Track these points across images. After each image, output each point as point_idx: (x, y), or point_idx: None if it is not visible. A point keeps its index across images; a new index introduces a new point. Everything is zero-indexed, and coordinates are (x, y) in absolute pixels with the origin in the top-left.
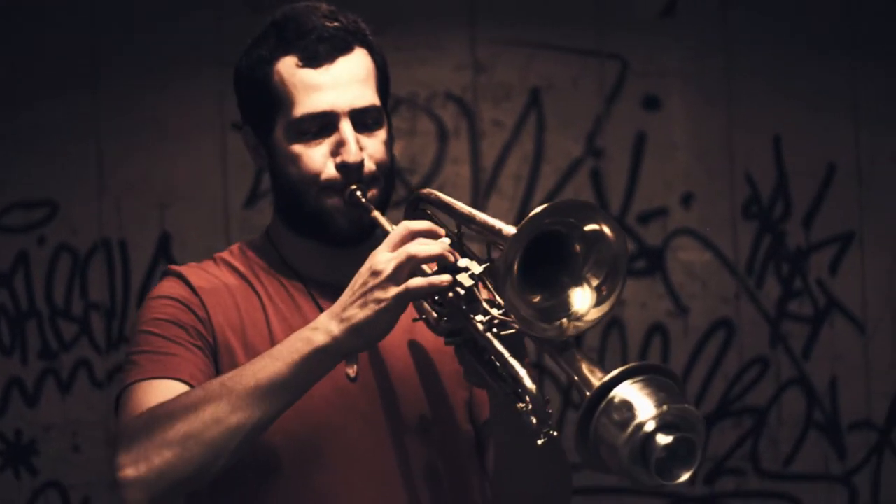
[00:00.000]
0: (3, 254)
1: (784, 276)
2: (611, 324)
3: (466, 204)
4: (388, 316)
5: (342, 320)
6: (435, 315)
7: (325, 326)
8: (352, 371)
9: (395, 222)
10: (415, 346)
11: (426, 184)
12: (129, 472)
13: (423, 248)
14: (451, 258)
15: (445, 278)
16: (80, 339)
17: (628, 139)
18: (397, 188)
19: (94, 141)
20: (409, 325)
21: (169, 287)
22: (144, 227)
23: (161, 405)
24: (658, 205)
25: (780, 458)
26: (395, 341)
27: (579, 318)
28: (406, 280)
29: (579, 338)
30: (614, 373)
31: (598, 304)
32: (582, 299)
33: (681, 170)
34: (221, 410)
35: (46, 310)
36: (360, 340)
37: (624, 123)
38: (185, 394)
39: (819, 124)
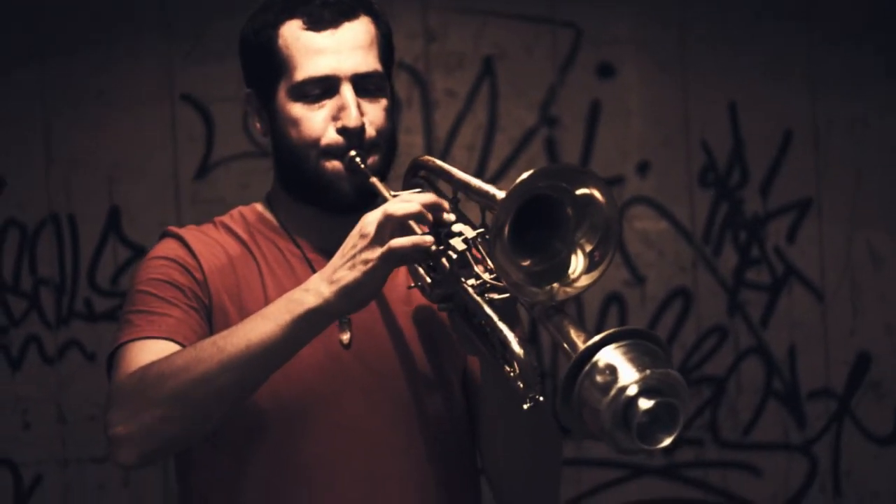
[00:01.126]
0: None
1: (741, 245)
2: None
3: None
4: (375, 276)
5: (332, 282)
6: (429, 281)
7: (315, 288)
8: (345, 338)
9: (397, 191)
10: (412, 316)
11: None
12: (120, 429)
13: (401, 206)
14: (430, 217)
15: (429, 238)
16: (29, 315)
17: (583, 108)
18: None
19: (40, 115)
20: (406, 295)
21: (167, 248)
22: (93, 201)
23: (152, 364)
24: (614, 173)
25: (739, 428)
26: (392, 310)
27: (570, 284)
28: (388, 240)
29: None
30: (598, 336)
31: (589, 269)
32: (574, 265)
33: (636, 138)
34: (211, 370)
35: None
36: (350, 302)
37: (578, 92)
38: (177, 353)
39: (775, 91)
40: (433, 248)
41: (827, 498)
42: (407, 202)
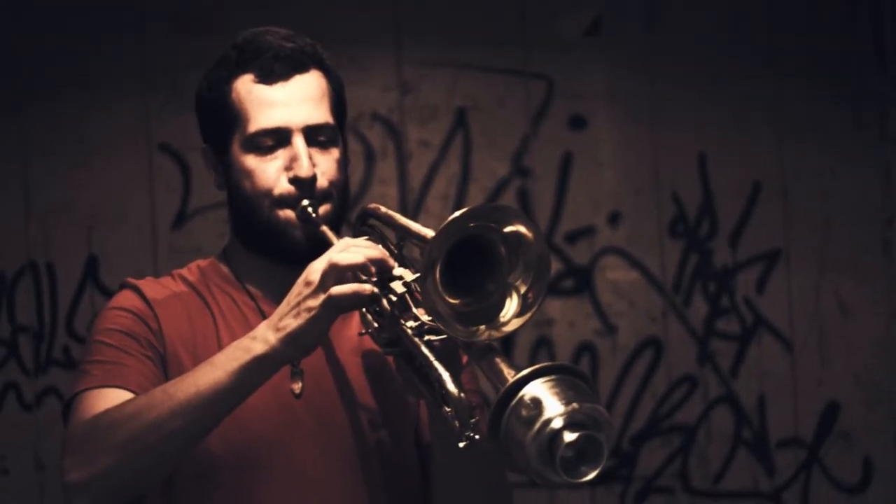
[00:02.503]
0: None
1: (711, 295)
2: (539, 342)
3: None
4: (318, 323)
5: (278, 329)
6: (376, 325)
7: (262, 335)
8: (297, 388)
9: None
10: (363, 366)
11: (355, 204)
12: (74, 476)
13: (344, 255)
14: (371, 267)
15: (367, 287)
16: (8, 362)
17: (555, 159)
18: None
19: (19, 162)
20: (358, 343)
21: (124, 298)
22: (71, 249)
23: (105, 412)
24: (585, 224)
25: (709, 476)
26: (343, 360)
27: (499, 327)
28: (331, 287)
29: (508, 350)
30: (525, 371)
31: (521, 312)
32: (507, 307)
33: (608, 189)
34: (162, 416)
35: None
36: (296, 349)
37: (550, 143)
38: (129, 401)
39: (743, 142)
40: (375, 290)
41: None
42: (349, 251)
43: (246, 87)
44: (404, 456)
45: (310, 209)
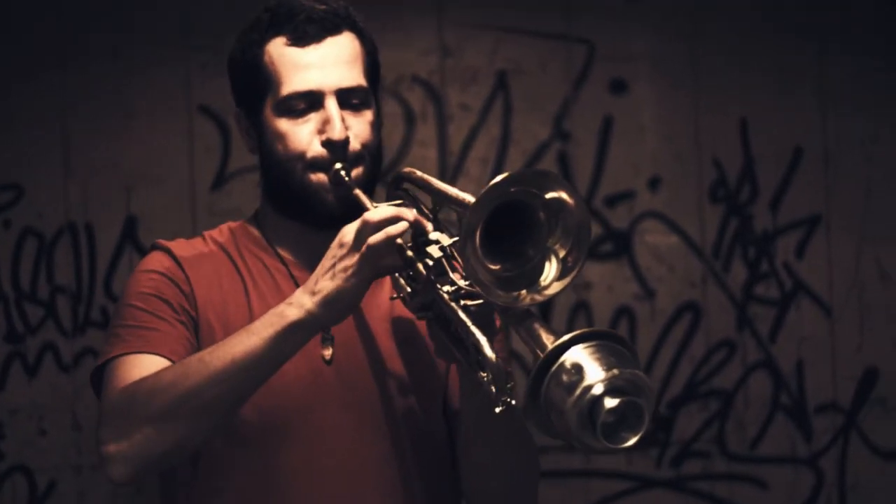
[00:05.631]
0: None
1: (750, 260)
2: (577, 306)
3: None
4: (355, 284)
5: (314, 293)
6: (409, 290)
7: (298, 301)
8: (327, 354)
9: (380, 203)
10: (394, 334)
11: (393, 167)
12: (112, 447)
13: (377, 213)
14: (409, 220)
15: (402, 225)
16: (46, 323)
17: (595, 123)
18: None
19: (59, 124)
20: (388, 310)
21: (155, 261)
22: (110, 210)
23: (142, 381)
24: (625, 188)
25: (746, 441)
26: (374, 327)
27: (539, 291)
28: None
29: (546, 314)
30: (565, 337)
31: (561, 276)
32: (546, 271)
33: (648, 153)
34: (199, 385)
35: (12, 293)
36: (332, 312)
37: (591, 107)
38: (165, 370)
39: (786, 107)
40: (410, 253)
41: None
42: (382, 211)
43: (278, 50)
44: (432, 423)
45: (342, 172)
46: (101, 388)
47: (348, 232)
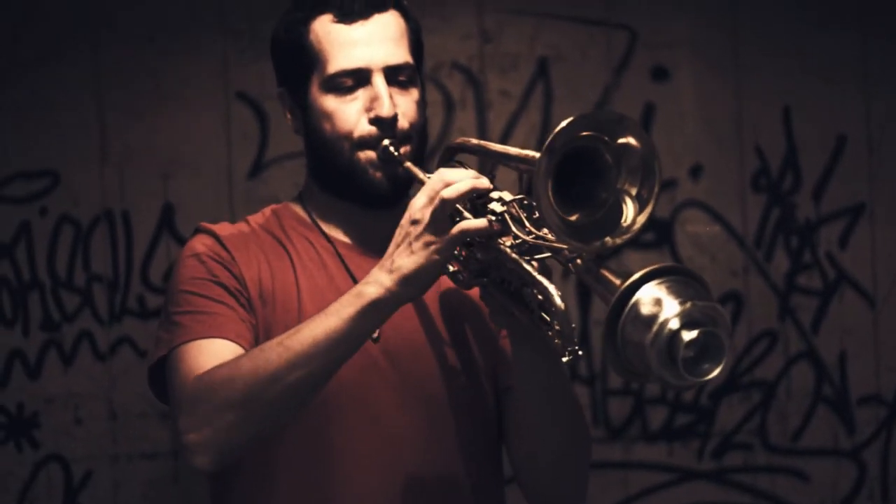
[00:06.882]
0: (5, 225)
1: (793, 249)
2: None
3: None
4: (435, 261)
5: (391, 271)
6: (463, 256)
7: (376, 279)
8: (374, 332)
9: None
10: (441, 311)
11: (433, 154)
12: (193, 436)
13: (453, 189)
14: (485, 186)
15: (468, 183)
16: (82, 311)
17: (636, 110)
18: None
19: (95, 110)
20: (435, 289)
21: (202, 244)
22: (147, 197)
23: (219, 367)
24: (666, 176)
25: (788, 433)
26: (421, 305)
27: (624, 232)
28: (446, 225)
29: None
30: (636, 276)
31: (641, 210)
32: (625, 212)
33: (689, 141)
34: (280, 369)
35: (48, 281)
36: (412, 289)
37: (632, 94)
38: (242, 356)
39: (829, 95)
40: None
41: None
42: (455, 186)
43: (324, 28)
44: (481, 400)
45: (391, 148)
46: (161, 378)
47: (419, 207)
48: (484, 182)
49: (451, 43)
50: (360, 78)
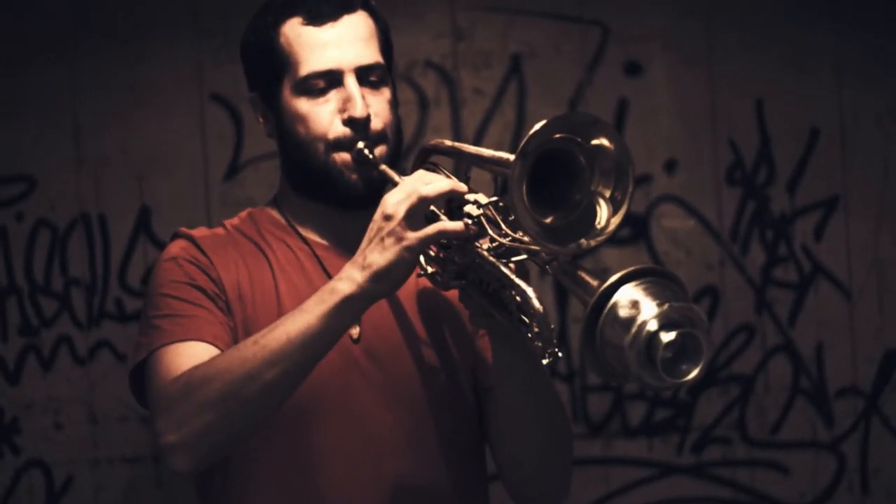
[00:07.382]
0: None
1: (769, 243)
2: None
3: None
4: (407, 257)
5: (363, 268)
6: (440, 259)
7: (349, 275)
8: (354, 332)
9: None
10: (420, 311)
11: (407, 153)
12: (171, 437)
13: (432, 188)
14: (462, 189)
15: (443, 184)
16: (60, 316)
17: (610, 105)
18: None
19: (69, 114)
20: (414, 286)
21: (180, 249)
22: (123, 200)
23: (195, 368)
24: (641, 171)
25: (767, 426)
26: (400, 304)
27: (600, 233)
28: (420, 223)
29: (563, 300)
30: (613, 278)
31: (615, 212)
32: (599, 214)
33: (664, 136)
34: (256, 367)
35: (26, 286)
36: (383, 285)
37: (606, 90)
38: (219, 356)
39: (802, 87)
40: (474, 228)
41: (855, 496)
42: (434, 184)
43: (294, 31)
44: (461, 399)
45: (366, 151)
46: (141, 382)
47: (392, 203)
48: (462, 187)
49: (424, 41)
50: (331, 79)
